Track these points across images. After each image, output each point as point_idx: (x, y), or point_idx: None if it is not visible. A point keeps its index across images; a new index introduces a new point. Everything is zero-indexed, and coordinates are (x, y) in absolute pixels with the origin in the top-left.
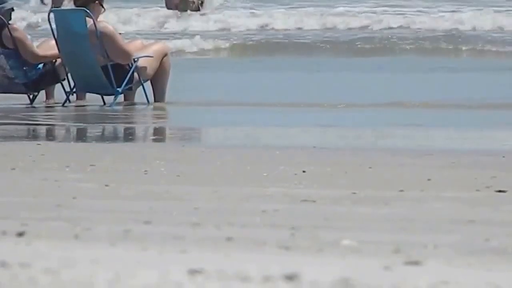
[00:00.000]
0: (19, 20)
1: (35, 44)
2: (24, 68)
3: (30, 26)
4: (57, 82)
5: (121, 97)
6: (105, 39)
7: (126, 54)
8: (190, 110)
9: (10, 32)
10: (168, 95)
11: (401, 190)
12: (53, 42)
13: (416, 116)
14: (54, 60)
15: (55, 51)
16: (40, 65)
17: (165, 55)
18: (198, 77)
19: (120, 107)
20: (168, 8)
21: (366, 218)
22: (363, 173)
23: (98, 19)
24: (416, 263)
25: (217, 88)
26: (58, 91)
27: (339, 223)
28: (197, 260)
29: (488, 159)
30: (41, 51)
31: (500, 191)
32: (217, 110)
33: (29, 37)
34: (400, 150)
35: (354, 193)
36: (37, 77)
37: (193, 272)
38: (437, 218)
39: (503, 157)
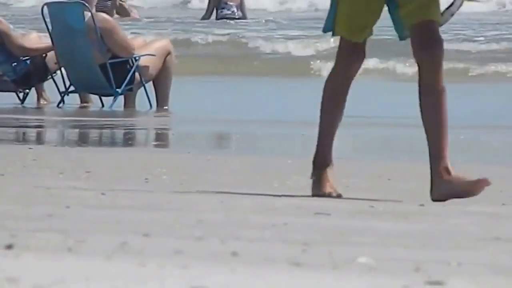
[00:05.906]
0: None
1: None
2: (13, 64)
3: None
4: (47, 77)
5: (121, 99)
6: (104, 31)
7: (127, 45)
8: (196, 115)
9: None
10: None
11: (422, 204)
12: (34, 35)
13: None
14: (44, 54)
15: (43, 44)
16: (27, 60)
17: (169, 53)
18: None
19: (119, 110)
20: None
21: (384, 233)
22: (381, 185)
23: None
24: (438, 282)
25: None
26: (53, 92)
27: (355, 238)
28: (200, 276)
29: None
30: (26, 45)
31: None
32: (224, 119)
33: (11, 27)
34: (421, 161)
35: (372, 206)
36: (25, 71)
37: None
38: (460, 234)
39: None
